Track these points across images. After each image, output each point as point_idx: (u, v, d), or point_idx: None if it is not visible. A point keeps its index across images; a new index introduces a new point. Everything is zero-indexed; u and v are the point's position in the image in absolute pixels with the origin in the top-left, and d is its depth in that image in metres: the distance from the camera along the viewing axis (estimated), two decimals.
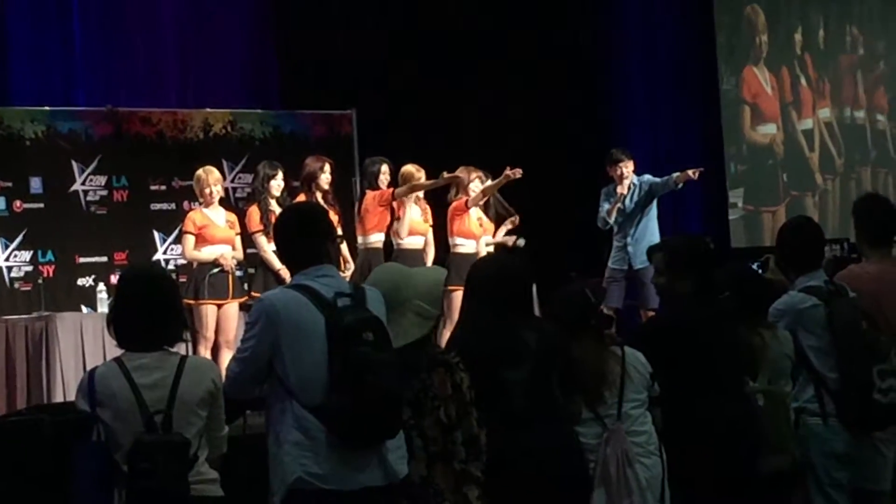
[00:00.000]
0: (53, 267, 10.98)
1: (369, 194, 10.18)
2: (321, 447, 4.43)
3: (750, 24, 14.97)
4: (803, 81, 14.93)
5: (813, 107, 14.91)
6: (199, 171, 9.81)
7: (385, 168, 10.25)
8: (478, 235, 10.41)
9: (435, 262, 10.22)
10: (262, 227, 9.72)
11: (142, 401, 4.33)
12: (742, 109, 14.86)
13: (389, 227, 10.19)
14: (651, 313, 10.03)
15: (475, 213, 10.48)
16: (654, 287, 5.99)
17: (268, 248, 9.54)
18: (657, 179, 10.74)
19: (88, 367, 8.56)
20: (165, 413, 4.33)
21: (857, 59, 15.06)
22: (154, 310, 4.46)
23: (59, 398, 9.39)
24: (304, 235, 4.69)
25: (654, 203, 10.77)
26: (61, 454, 4.63)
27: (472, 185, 10.44)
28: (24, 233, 10.88)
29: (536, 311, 6.03)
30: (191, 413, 4.41)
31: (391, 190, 10.14)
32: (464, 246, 10.34)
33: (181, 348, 9.87)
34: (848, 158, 14.95)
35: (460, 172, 10.43)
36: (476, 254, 10.08)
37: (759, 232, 14.69)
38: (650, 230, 10.68)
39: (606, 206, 10.77)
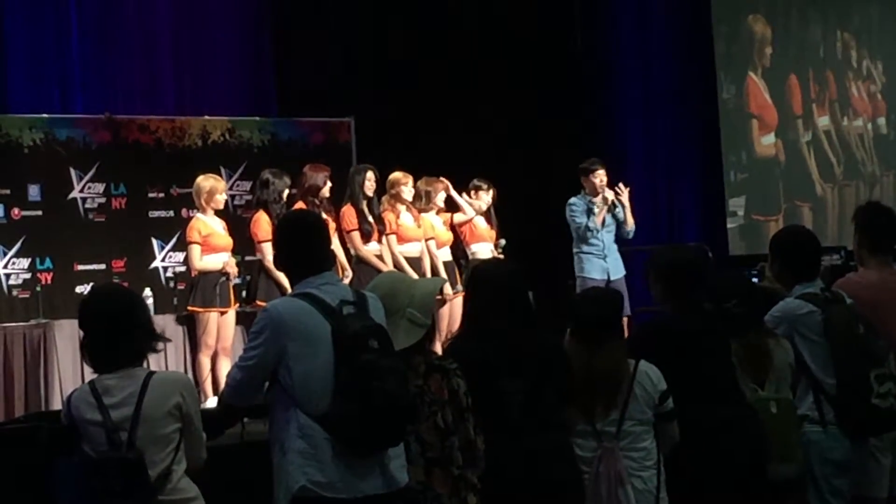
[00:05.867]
0: (52, 274, 10.94)
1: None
2: (325, 456, 4.43)
3: (750, 33, 14.97)
4: (803, 90, 14.94)
5: (812, 115, 14.92)
6: (208, 180, 9.78)
7: (370, 175, 10.23)
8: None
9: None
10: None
11: (107, 419, 4.39)
12: (749, 122, 14.86)
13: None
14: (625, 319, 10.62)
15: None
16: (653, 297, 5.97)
17: None
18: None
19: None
20: (129, 431, 4.38)
21: (856, 68, 15.07)
22: (114, 330, 4.49)
23: (56, 406, 9.36)
24: (306, 243, 4.69)
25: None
26: (53, 463, 4.67)
27: (438, 196, 10.63)
28: (22, 240, 10.84)
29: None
30: (158, 427, 4.44)
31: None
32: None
33: (179, 357, 9.84)
34: (847, 167, 14.96)
35: (425, 184, 10.58)
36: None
37: (759, 240, 14.67)
38: (613, 242, 11.25)
39: (590, 214, 11.13)
